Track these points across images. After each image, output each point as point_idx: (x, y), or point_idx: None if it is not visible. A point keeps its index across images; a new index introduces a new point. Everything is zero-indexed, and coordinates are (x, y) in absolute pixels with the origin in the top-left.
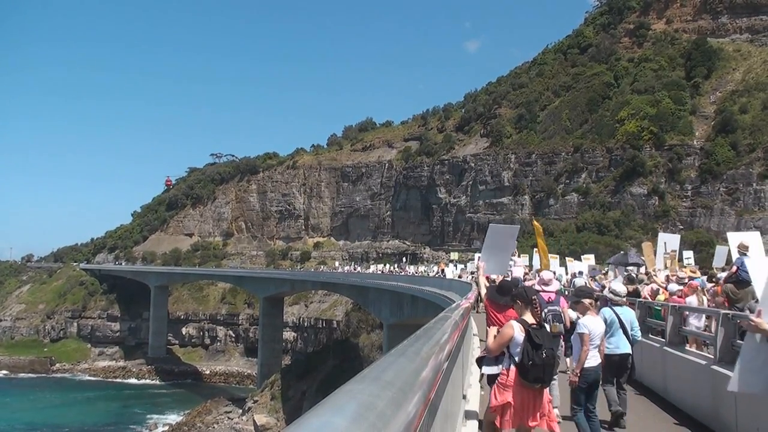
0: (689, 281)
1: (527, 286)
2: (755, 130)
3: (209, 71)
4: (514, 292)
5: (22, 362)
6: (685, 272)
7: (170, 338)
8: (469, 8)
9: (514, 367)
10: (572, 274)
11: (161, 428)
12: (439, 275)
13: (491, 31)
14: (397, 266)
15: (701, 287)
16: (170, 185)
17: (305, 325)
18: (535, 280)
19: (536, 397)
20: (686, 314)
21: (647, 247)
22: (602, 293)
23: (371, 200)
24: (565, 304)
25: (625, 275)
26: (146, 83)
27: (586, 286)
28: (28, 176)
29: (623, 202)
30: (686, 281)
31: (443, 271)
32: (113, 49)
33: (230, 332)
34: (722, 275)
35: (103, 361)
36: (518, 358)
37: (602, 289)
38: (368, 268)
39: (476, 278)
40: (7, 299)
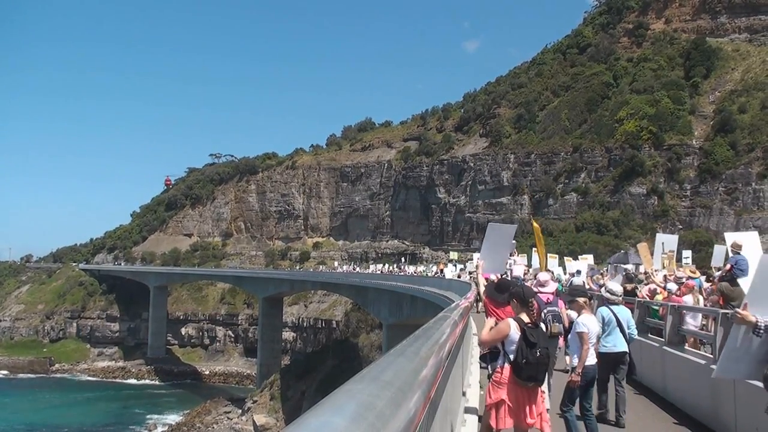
0: (687, 281)
1: (526, 285)
2: (754, 129)
3: (208, 71)
4: (512, 289)
5: (21, 362)
6: (684, 272)
7: (169, 338)
8: (468, 8)
9: (508, 365)
10: (570, 273)
11: (161, 428)
12: (438, 275)
13: (490, 31)
14: (396, 266)
15: (698, 287)
16: (170, 185)
17: (304, 325)
18: (534, 280)
19: (531, 395)
20: (683, 313)
21: (643, 248)
22: (600, 292)
23: (370, 200)
24: (563, 304)
25: (624, 274)
26: (145, 83)
27: (580, 284)
28: (27, 176)
29: (622, 201)
30: (684, 281)
31: (442, 271)
32: (113, 49)
33: (229, 332)
34: (718, 274)
35: (102, 361)
36: (513, 356)
37: (600, 288)
38: (367, 268)
39: (475, 277)
40: (6, 299)
